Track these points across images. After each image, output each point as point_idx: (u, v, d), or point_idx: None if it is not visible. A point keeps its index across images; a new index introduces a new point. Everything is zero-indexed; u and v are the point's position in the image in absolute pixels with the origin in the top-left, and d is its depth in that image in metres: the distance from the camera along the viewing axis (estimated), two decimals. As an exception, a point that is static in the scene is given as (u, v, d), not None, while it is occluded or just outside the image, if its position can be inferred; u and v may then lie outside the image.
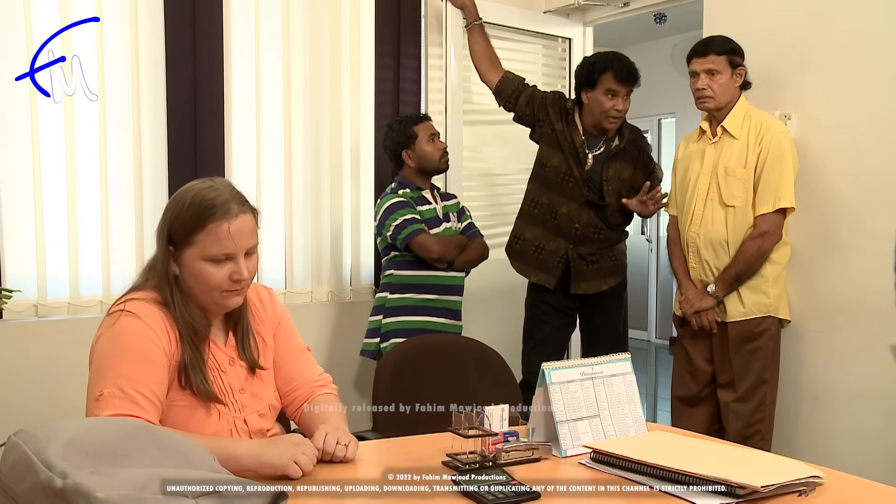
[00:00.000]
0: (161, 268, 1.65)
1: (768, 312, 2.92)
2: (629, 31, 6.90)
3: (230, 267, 1.62)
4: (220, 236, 1.60)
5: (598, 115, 3.21)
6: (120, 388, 1.51)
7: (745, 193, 2.87)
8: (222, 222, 1.59)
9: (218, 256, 1.61)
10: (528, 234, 3.34)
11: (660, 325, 7.77)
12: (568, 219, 3.26)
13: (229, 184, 1.69)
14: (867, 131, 2.90)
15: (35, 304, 2.98)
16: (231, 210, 1.61)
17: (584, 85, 3.23)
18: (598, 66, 3.19)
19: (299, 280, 3.55)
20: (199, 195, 1.62)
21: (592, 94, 3.20)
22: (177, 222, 1.62)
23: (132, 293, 1.65)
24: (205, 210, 1.60)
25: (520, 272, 3.36)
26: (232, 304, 1.68)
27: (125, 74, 3.10)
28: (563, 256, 3.28)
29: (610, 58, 3.22)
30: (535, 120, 3.35)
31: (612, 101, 3.17)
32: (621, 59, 3.22)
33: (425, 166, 3.29)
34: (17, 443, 1.13)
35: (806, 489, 1.45)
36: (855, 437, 2.93)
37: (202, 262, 1.61)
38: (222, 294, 1.64)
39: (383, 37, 3.67)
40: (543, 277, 3.31)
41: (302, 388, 1.81)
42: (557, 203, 3.27)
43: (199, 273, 1.62)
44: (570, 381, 1.74)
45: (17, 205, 2.93)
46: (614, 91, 3.16)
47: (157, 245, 1.67)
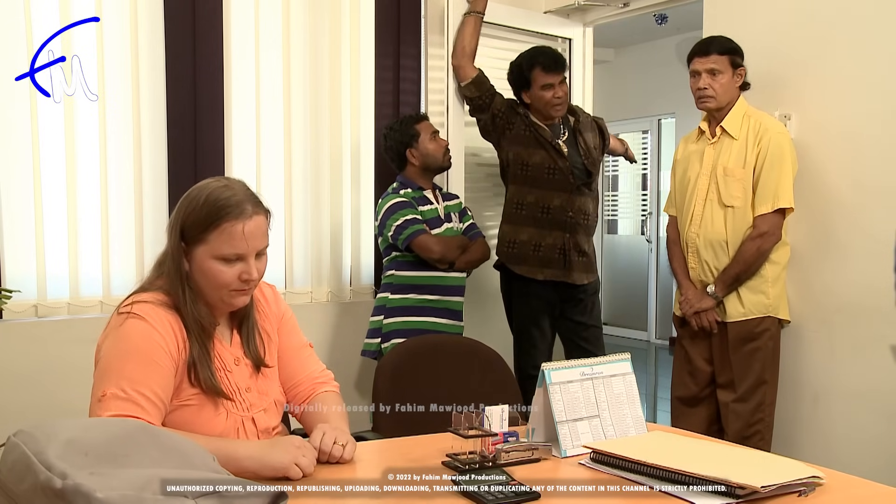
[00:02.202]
0: (172, 263, 1.65)
1: (768, 313, 2.92)
2: (629, 32, 6.91)
3: (240, 267, 1.63)
4: (234, 236, 1.60)
5: (544, 109, 3.34)
6: (122, 389, 1.52)
7: (745, 194, 2.87)
8: (237, 222, 1.60)
9: (229, 256, 1.62)
10: (523, 236, 3.36)
11: (660, 326, 7.78)
12: (561, 210, 3.33)
13: (244, 184, 1.69)
14: (867, 132, 2.90)
15: (35, 305, 2.98)
16: (246, 210, 1.62)
17: (521, 87, 3.38)
18: (526, 66, 3.34)
19: (299, 280, 3.55)
20: (213, 194, 1.62)
21: (531, 92, 3.35)
22: (190, 219, 1.62)
23: (139, 294, 1.65)
24: (219, 209, 1.60)
25: (524, 274, 3.37)
26: (238, 304, 1.69)
27: (125, 74, 3.10)
28: (561, 248, 3.33)
29: (533, 54, 3.38)
30: (506, 122, 3.41)
31: (549, 92, 3.30)
32: (545, 52, 3.40)
33: (429, 164, 3.30)
34: (17, 443, 1.13)
35: (806, 489, 1.45)
36: (855, 438, 2.93)
37: (213, 260, 1.62)
38: (230, 293, 1.65)
39: (383, 37, 3.67)
40: (549, 273, 3.34)
41: (304, 385, 1.82)
42: (547, 198, 3.32)
43: (208, 271, 1.62)
44: (570, 381, 1.74)
45: (17, 205, 2.93)
46: (549, 83, 3.29)
47: (169, 240, 1.67)
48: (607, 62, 7.70)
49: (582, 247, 3.39)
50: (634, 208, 8.24)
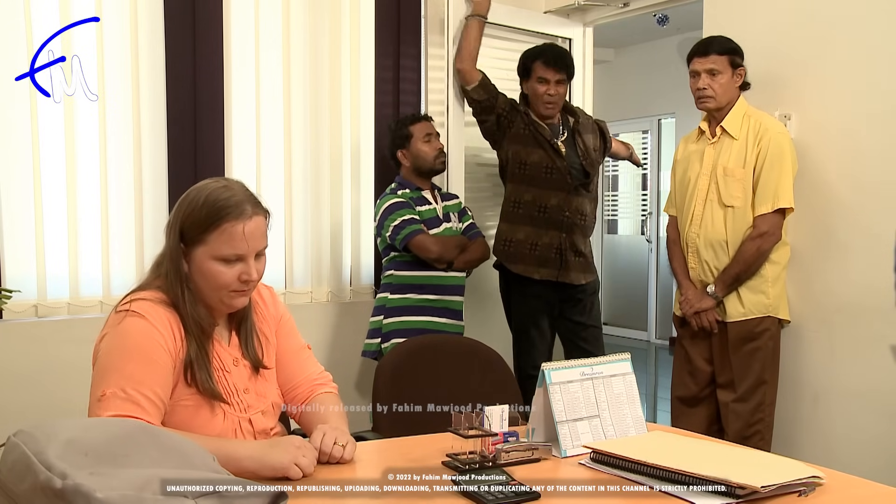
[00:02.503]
0: (171, 264, 1.64)
1: (768, 312, 2.92)
2: (629, 32, 6.91)
3: (240, 267, 1.62)
4: (234, 237, 1.60)
5: (535, 103, 3.38)
6: (122, 388, 1.51)
7: (745, 193, 2.87)
8: (237, 223, 1.60)
9: (229, 257, 1.61)
10: (519, 235, 3.36)
11: (660, 326, 7.78)
12: (558, 209, 3.33)
13: (243, 185, 1.69)
14: (867, 132, 2.90)
15: (35, 305, 2.98)
16: (245, 211, 1.61)
17: (522, 76, 3.43)
18: (530, 56, 3.40)
19: (299, 280, 3.55)
20: (213, 195, 1.62)
21: (528, 83, 3.39)
22: (189, 220, 1.62)
23: (137, 292, 1.65)
24: (219, 210, 1.60)
25: (520, 272, 3.37)
26: (238, 305, 1.68)
27: (125, 74, 3.10)
28: (557, 248, 3.34)
29: (541, 48, 3.47)
30: (509, 121, 3.42)
31: (543, 86, 3.33)
32: (552, 48, 3.49)
33: (419, 166, 3.30)
34: (17, 443, 1.13)
35: (806, 489, 1.45)
36: (855, 438, 2.92)
37: (212, 261, 1.61)
38: (230, 294, 1.64)
39: (383, 37, 3.67)
40: (545, 272, 3.35)
41: (302, 387, 1.82)
42: (544, 197, 3.33)
43: (208, 272, 1.62)
44: (570, 381, 1.73)
45: (17, 205, 2.93)
46: (545, 78, 3.32)
47: (168, 241, 1.66)
48: (607, 62, 7.71)
49: (578, 247, 3.40)
50: (634, 208, 8.24)
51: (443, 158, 3.36)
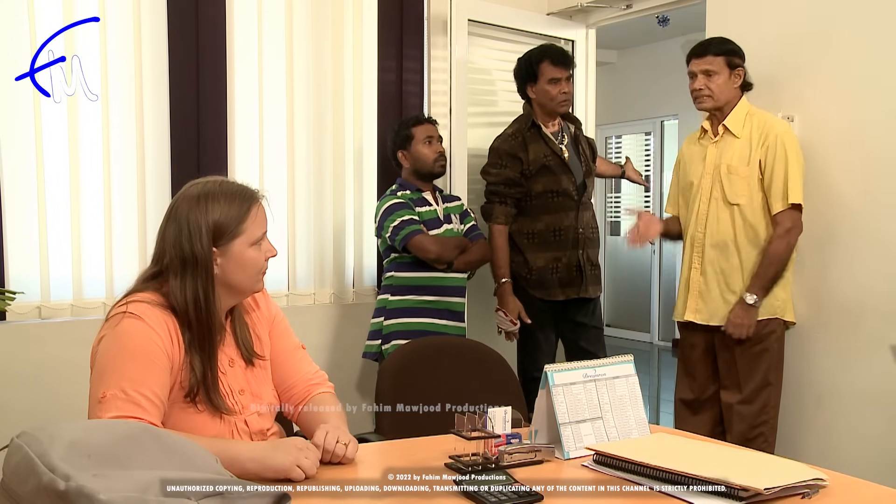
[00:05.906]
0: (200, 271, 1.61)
1: (776, 314, 2.92)
2: (632, 34, 6.91)
3: (265, 246, 1.71)
4: (260, 216, 1.69)
5: (547, 105, 3.36)
6: (123, 389, 1.51)
7: (750, 191, 2.87)
8: (259, 203, 1.69)
9: (260, 237, 1.69)
10: (539, 262, 3.36)
11: (662, 328, 7.77)
12: (573, 229, 3.35)
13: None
14: (870, 133, 2.89)
15: (38, 306, 2.98)
16: (257, 191, 1.71)
17: (527, 80, 3.39)
18: (535, 58, 3.37)
19: (302, 282, 3.54)
20: (228, 187, 1.68)
21: (537, 86, 3.36)
22: (223, 217, 1.64)
23: (133, 295, 1.65)
24: (246, 197, 1.68)
25: (545, 297, 3.36)
26: (261, 287, 1.74)
27: (128, 75, 3.10)
28: (577, 265, 3.37)
29: (544, 48, 3.45)
30: (521, 175, 3.32)
31: (557, 86, 3.32)
32: (552, 47, 3.48)
33: (419, 168, 3.30)
34: (20, 445, 1.13)
35: (809, 491, 1.45)
36: (859, 440, 2.92)
37: (249, 248, 1.66)
38: (260, 276, 1.71)
39: (386, 38, 3.66)
40: (570, 291, 3.38)
41: (298, 387, 1.82)
42: (555, 221, 3.34)
43: (248, 261, 1.67)
44: (573, 383, 1.73)
45: (20, 206, 2.93)
46: (556, 77, 3.32)
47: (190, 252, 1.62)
48: (610, 64, 7.71)
49: (593, 259, 3.44)
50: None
51: (443, 162, 3.35)
